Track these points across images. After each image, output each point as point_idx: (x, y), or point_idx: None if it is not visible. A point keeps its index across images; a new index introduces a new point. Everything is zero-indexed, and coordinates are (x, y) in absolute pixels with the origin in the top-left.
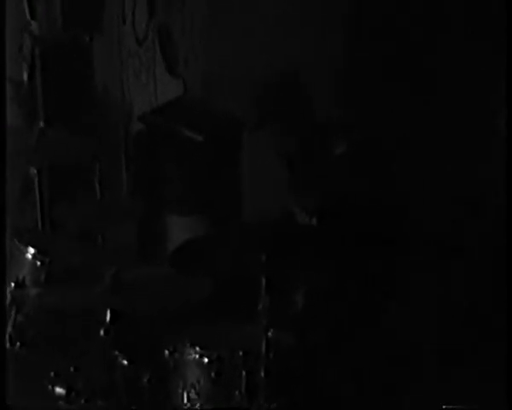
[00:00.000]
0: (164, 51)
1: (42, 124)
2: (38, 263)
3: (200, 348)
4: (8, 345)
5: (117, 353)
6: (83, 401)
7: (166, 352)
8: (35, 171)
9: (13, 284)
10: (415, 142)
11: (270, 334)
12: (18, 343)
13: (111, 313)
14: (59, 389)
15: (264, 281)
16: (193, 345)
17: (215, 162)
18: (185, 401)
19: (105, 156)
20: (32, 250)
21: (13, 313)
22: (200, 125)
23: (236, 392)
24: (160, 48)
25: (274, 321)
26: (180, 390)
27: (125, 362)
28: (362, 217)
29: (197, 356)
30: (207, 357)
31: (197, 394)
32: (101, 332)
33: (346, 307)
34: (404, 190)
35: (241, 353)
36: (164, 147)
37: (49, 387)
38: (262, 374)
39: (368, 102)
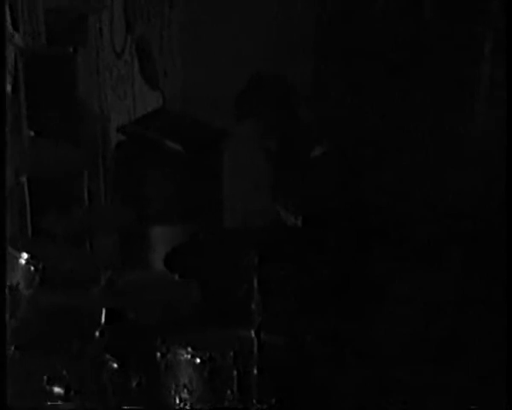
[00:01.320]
0: (142, 64)
1: (32, 133)
2: (32, 268)
3: (193, 348)
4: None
5: (108, 356)
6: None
7: (158, 354)
8: (24, 179)
9: (7, 289)
10: (398, 143)
11: (262, 334)
12: (12, 347)
13: (106, 313)
14: (57, 389)
15: (256, 282)
16: (185, 346)
17: (196, 171)
18: (177, 401)
19: (91, 166)
20: (25, 256)
21: (7, 317)
22: (180, 135)
23: (228, 391)
24: (139, 60)
25: (266, 321)
26: (172, 392)
27: (116, 365)
28: (345, 217)
29: (189, 357)
30: (199, 357)
31: (189, 393)
32: (97, 334)
33: (337, 306)
34: (388, 191)
35: (232, 353)
36: (145, 157)
37: (47, 388)
38: (254, 373)
39: (351, 102)
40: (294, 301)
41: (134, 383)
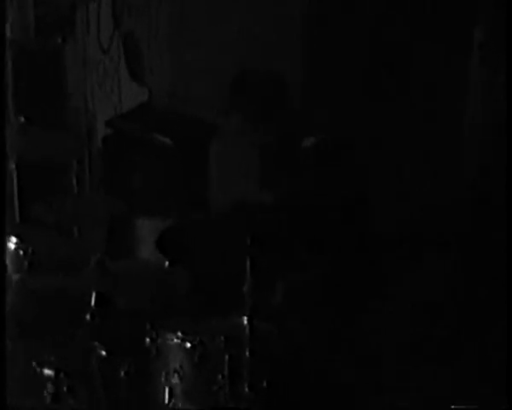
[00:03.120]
0: (128, 59)
1: (22, 119)
2: (21, 252)
3: (183, 333)
4: None
5: (96, 343)
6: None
7: (148, 340)
8: (13, 166)
9: None
10: (389, 140)
11: (254, 317)
12: None
13: (96, 296)
14: (47, 371)
15: (248, 264)
16: (175, 331)
17: (183, 163)
18: (167, 388)
19: (78, 155)
20: (13, 240)
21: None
22: (167, 129)
23: (219, 376)
24: (125, 56)
25: (258, 304)
26: (162, 379)
27: (104, 353)
28: (332, 211)
29: (179, 341)
30: (190, 342)
31: (180, 379)
32: (87, 317)
33: (330, 299)
34: (377, 186)
35: (222, 337)
36: (132, 150)
37: (37, 370)
38: (246, 357)
39: (340, 98)
40: (286, 286)
41: (122, 372)
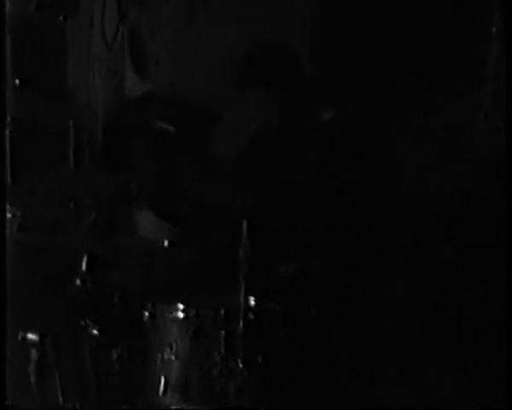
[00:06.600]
0: (133, 53)
1: (17, 82)
2: (9, 215)
3: (180, 308)
4: None
5: (88, 321)
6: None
7: (146, 314)
8: (8, 129)
9: None
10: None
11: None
12: None
13: (88, 259)
14: (31, 335)
15: (245, 225)
16: (172, 305)
17: (185, 149)
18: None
19: (79, 127)
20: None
21: None
22: (170, 117)
23: (216, 352)
24: (130, 49)
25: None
26: (158, 358)
27: (96, 332)
28: (345, 192)
29: (176, 315)
30: (186, 317)
31: (175, 355)
32: (78, 282)
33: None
34: (393, 169)
35: (222, 311)
36: (136, 136)
37: (20, 334)
38: (241, 332)
39: (356, 71)
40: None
41: (115, 356)
